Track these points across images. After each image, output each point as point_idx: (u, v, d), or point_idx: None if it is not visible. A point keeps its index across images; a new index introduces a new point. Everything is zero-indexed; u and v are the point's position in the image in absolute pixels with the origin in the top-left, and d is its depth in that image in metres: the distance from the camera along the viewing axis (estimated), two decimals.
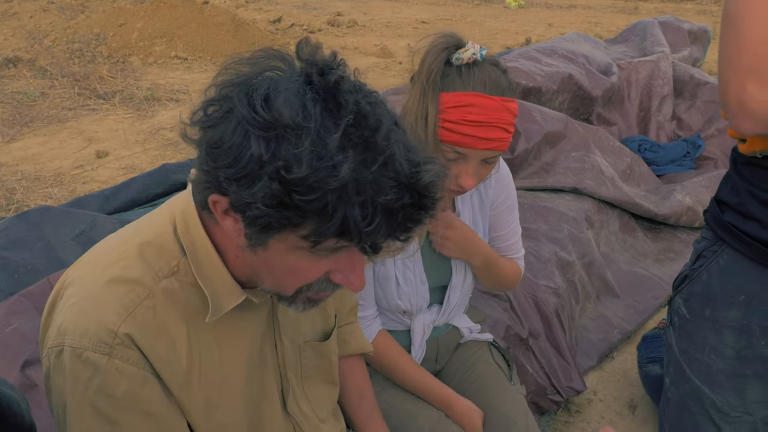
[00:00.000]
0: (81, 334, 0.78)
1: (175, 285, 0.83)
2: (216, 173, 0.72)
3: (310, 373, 1.05)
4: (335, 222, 0.69)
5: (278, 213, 0.69)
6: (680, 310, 1.01)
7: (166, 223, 0.86)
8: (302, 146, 0.67)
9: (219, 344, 0.88)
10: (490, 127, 1.18)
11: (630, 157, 3.38)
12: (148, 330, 0.80)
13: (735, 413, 0.98)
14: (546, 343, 2.22)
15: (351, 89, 0.72)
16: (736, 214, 0.92)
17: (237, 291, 0.85)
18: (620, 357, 2.52)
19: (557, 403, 2.16)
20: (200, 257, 0.84)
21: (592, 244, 2.72)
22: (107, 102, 4.95)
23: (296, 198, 0.68)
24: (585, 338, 2.49)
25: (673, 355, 1.04)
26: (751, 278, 0.91)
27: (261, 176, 0.68)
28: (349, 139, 0.68)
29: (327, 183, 0.67)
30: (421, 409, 1.45)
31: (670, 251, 3.07)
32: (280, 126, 0.68)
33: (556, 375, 2.16)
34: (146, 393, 0.81)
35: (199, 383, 0.86)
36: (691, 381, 1.01)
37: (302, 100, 0.69)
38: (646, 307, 2.68)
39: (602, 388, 2.37)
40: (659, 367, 2.05)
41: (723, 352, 0.95)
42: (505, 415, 1.48)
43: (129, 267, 0.83)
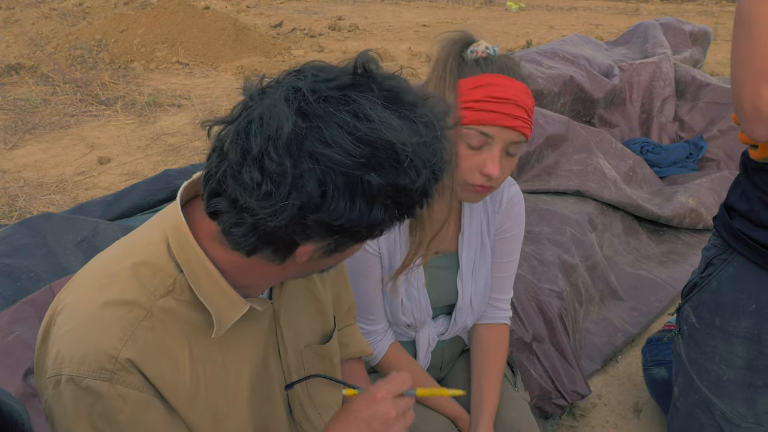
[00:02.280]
0: (79, 362, 0.76)
1: (173, 303, 0.82)
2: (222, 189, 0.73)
3: (315, 378, 1.04)
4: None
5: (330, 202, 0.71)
6: (689, 318, 1.00)
7: (158, 240, 0.84)
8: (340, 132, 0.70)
9: (223, 356, 0.87)
10: (514, 104, 1.16)
11: (632, 159, 3.37)
12: (148, 351, 0.79)
13: (746, 424, 0.96)
14: (550, 347, 2.21)
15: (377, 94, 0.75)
16: (746, 221, 0.91)
17: (240, 302, 0.84)
18: (624, 360, 2.51)
19: (562, 408, 2.15)
20: (197, 273, 0.82)
21: (595, 247, 2.71)
22: (109, 108, 4.96)
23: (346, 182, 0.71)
24: (589, 342, 2.48)
25: (682, 365, 1.03)
26: (762, 287, 0.89)
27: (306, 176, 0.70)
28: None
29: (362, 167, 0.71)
30: (426, 417, 1.44)
31: (673, 253, 3.06)
32: (312, 120, 0.70)
33: (561, 379, 2.15)
34: (150, 417, 0.80)
35: (205, 398, 0.85)
36: (701, 391, 0.99)
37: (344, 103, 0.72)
38: (650, 309, 2.67)
39: (607, 392, 2.36)
40: (664, 370, 2.04)
41: (733, 362, 0.94)
42: (508, 422, 1.47)
43: (124, 289, 0.80)
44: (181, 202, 0.85)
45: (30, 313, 1.80)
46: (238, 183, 0.71)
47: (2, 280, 1.95)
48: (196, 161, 3.90)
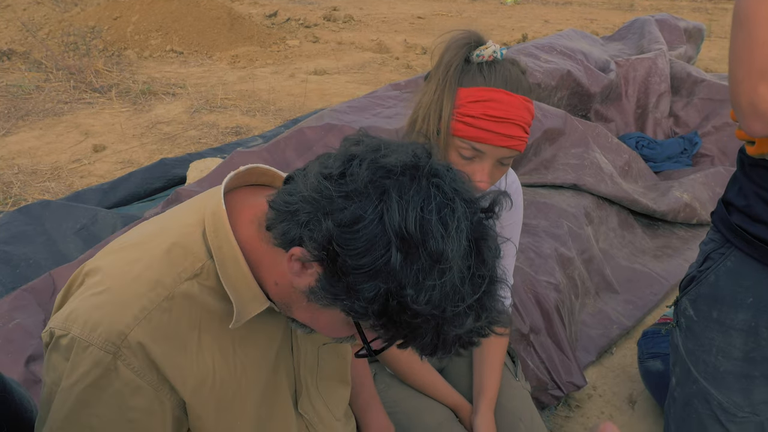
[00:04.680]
0: (91, 328, 0.78)
1: (195, 288, 0.83)
2: (331, 247, 0.72)
3: (327, 374, 1.05)
4: (418, 341, 0.74)
5: (375, 316, 0.73)
6: (687, 311, 1.02)
7: (194, 223, 0.86)
8: (436, 282, 0.69)
9: (234, 348, 0.88)
10: (511, 124, 1.16)
11: (628, 154, 3.40)
12: (160, 333, 0.80)
13: (742, 414, 0.98)
14: (546, 338, 2.23)
15: (494, 244, 0.76)
16: (743, 216, 0.92)
17: (262, 298, 0.85)
18: (619, 352, 2.54)
19: (557, 398, 2.17)
20: (227, 262, 0.83)
21: (591, 240, 2.73)
22: (103, 96, 4.93)
23: (403, 318, 0.72)
24: (584, 334, 2.50)
25: (679, 356, 1.05)
26: (760, 280, 0.91)
27: (380, 283, 0.71)
28: (479, 302, 0.73)
29: (440, 322, 0.71)
30: (427, 407, 1.46)
31: (668, 247, 3.09)
32: (426, 252, 0.70)
33: (557, 370, 2.17)
34: (135, 402, 0.80)
35: (212, 387, 0.85)
36: (698, 382, 1.01)
37: (460, 242, 0.71)
38: (644, 302, 2.70)
39: (602, 383, 2.38)
40: (659, 362, 2.06)
41: (730, 353, 0.96)
42: (510, 411, 1.48)
43: (153, 266, 0.82)
44: (226, 189, 0.87)
45: (30, 300, 1.80)
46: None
47: (1, 267, 1.95)
48: (192, 150, 3.89)
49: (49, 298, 1.80)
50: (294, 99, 5.07)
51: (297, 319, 0.86)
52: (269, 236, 0.81)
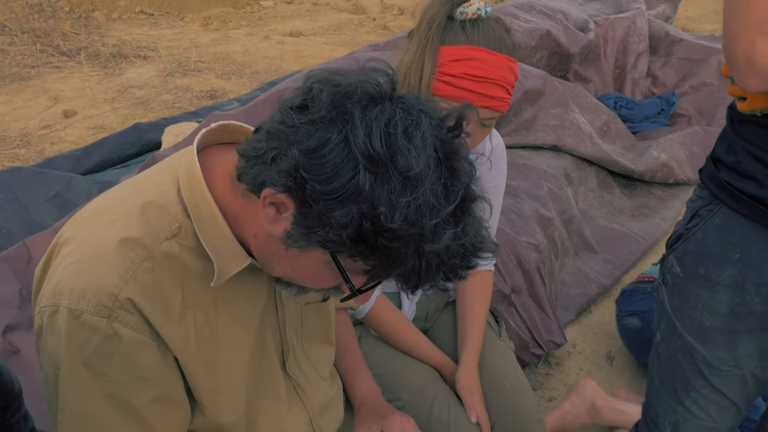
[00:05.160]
0: (79, 296, 0.76)
1: (175, 248, 0.81)
2: (298, 174, 0.71)
3: (311, 333, 1.05)
4: (400, 268, 0.73)
5: (352, 244, 0.71)
6: (674, 268, 1.02)
7: (168, 182, 0.84)
8: (409, 199, 0.69)
9: (217, 308, 0.87)
10: (493, 84, 1.14)
11: (606, 114, 3.40)
12: (147, 292, 0.79)
13: (726, 367, 1.00)
14: (528, 298, 2.25)
15: (466, 161, 0.75)
16: (732, 172, 0.92)
17: (243, 255, 0.84)
18: (598, 311, 2.58)
19: (538, 357, 2.21)
20: (204, 220, 0.82)
21: (571, 201, 2.75)
22: (72, 59, 4.78)
23: (380, 241, 0.70)
24: (564, 293, 2.53)
25: (665, 312, 1.06)
26: (747, 237, 0.92)
27: (352, 206, 0.69)
28: (454, 216, 0.72)
29: (419, 242, 0.70)
30: (412, 367, 1.47)
31: (645, 207, 3.12)
32: (395, 169, 0.69)
33: (538, 329, 2.20)
34: (143, 358, 0.80)
35: (196, 346, 0.85)
36: (683, 337, 1.03)
37: (427, 155, 0.70)
38: (622, 261, 2.74)
39: (581, 341, 2.43)
40: (638, 320, 2.10)
41: (716, 309, 0.97)
42: (494, 370, 1.50)
43: (130, 226, 0.80)
44: (197, 148, 0.85)
45: (5, 269, 1.76)
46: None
47: None
48: (167, 114, 3.80)
49: (24, 267, 1.76)
50: (270, 61, 4.96)
51: (279, 276, 0.85)
52: (242, 188, 0.79)
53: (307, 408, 1.05)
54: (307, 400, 1.04)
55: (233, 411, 0.91)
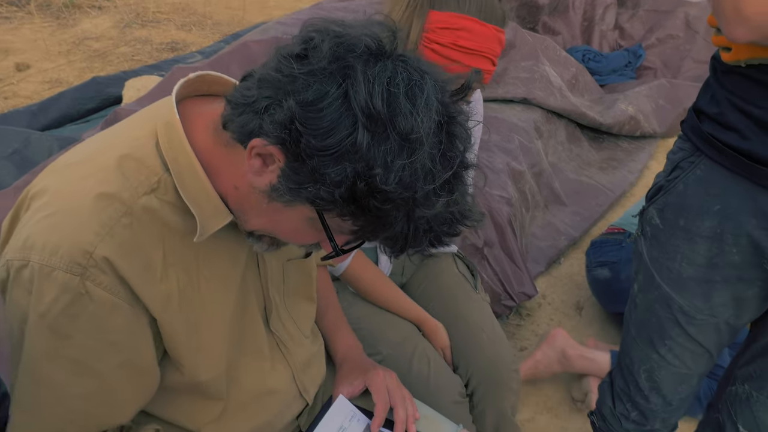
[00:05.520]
0: (51, 252, 0.73)
1: (155, 203, 0.78)
2: (293, 126, 0.68)
3: (293, 290, 1.03)
4: (389, 231, 0.71)
5: (343, 203, 0.69)
6: (653, 220, 1.03)
7: (145, 135, 0.80)
8: (405, 162, 0.67)
9: (198, 265, 0.84)
10: (480, 56, 1.11)
11: (575, 67, 3.40)
12: (125, 249, 0.76)
13: (701, 316, 1.03)
14: (500, 251, 2.27)
15: (464, 128, 0.73)
16: (715, 124, 0.93)
17: (224, 212, 0.81)
18: (567, 262, 2.63)
19: (510, 308, 2.25)
20: (184, 175, 0.78)
21: (541, 154, 2.76)
22: (21, 9, 4.53)
23: (372, 202, 0.68)
24: (534, 245, 2.57)
25: (643, 264, 1.07)
26: (727, 188, 0.93)
27: (347, 164, 0.67)
28: (450, 184, 0.71)
29: (411, 206, 0.69)
30: (391, 323, 1.47)
31: (612, 159, 3.16)
32: (394, 130, 0.67)
33: (509, 281, 2.23)
34: (113, 321, 0.77)
35: (179, 305, 0.82)
36: (661, 288, 1.05)
37: (429, 118, 0.68)
38: (590, 213, 2.78)
39: (551, 292, 2.48)
40: (607, 270, 2.15)
41: (694, 260, 0.99)
42: (472, 322, 1.52)
43: (107, 180, 0.76)
44: (176, 99, 0.81)
45: None
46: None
47: None
48: (126, 68, 3.66)
49: None
50: (232, 12, 4.80)
51: (255, 230, 0.83)
52: (226, 136, 0.76)
53: (290, 365, 1.04)
54: (290, 357, 1.04)
55: (213, 368, 0.90)
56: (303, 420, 1.11)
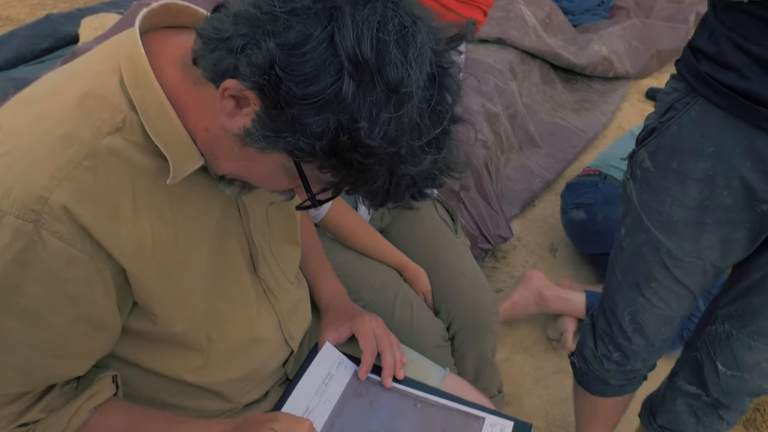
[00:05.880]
0: (3, 194, 0.67)
1: (120, 143, 0.72)
2: (273, 72, 0.62)
3: (277, 234, 1.00)
4: (370, 185, 0.68)
5: (323, 156, 0.65)
6: (644, 163, 1.02)
7: (108, 71, 0.73)
8: (391, 116, 0.63)
9: (173, 209, 0.80)
10: (475, 7, 1.08)
11: (549, 6, 3.33)
12: (87, 195, 0.70)
13: (688, 258, 1.03)
14: (476, 194, 2.26)
15: (455, 81, 0.69)
16: (713, 63, 0.90)
17: (196, 154, 0.76)
18: (541, 205, 2.64)
19: (485, 251, 2.26)
20: (152, 113, 0.73)
21: (516, 96, 2.72)
22: None
23: (354, 156, 0.64)
24: (509, 188, 2.57)
25: (631, 207, 1.06)
26: (722, 130, 0.91)
27: (330, 115, 0.62)
28: (438, 141, 0.68)
29: (395, 162, 0.65)
30: (371, 268, 1.45)
31: (586, 101, 3.15)
32: (381, 80, 0.62)
33: (486, 224, 2.23)
34: (69, 273, 0.72)
35: (152, 252, 0.78)
36: (649, 231, 1.04)
37: (421, 70, 0.63)
38: (564, 156, 2.78)
39: (525, 234, 2.49)
40: (582, 212, 2.16)
41: (685, 202, 0.98)
42: (452, 266, 1.51)
43: (66, 120, 0.70)
44: (139, 31, 0.74)
45: None
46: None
47: None
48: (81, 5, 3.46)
49: None
50: None
51: (226, 174, 0.78)
52: (197, 73, 0.70)
53: (277, 311, 1.02)
54: (276, 304, 1.01)
55: (189, 318, 0.87)
56: (290, 367, 1.10)
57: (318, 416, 1.03)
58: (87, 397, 0.84)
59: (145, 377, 0.92)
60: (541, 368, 1.97)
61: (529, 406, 1.85)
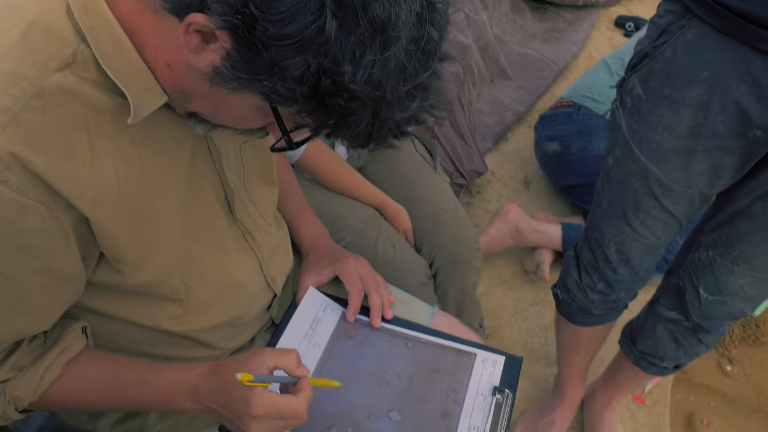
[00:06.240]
0: None
1: (71, 80, 0.66)
2: (247, 10, 0.57)
3: (252, 174, 0.95)
4: (351, 129, 0.64)
5: (304, 100, 0.61)
6: (635, 90, 0.99)
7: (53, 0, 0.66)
8: (377, 57, 0.59)
9: (138, 151, 0.74)
10: None
11: None
12: (37, 139, 0.64)
13: (678, 187, 1.02)
14: (450, 129, 2.23)
15: (443, 17, 0.65)
16: None
17: (157, 90, 0.70)
18: (513, 138, 2.62)
19: (460, 186, 2.24)
20: (105, 46, 0.66)
21: (486, 27, 2.65)
22: None
23: (336, 101, 0.60)
24: (481, 122, 2.53)
25: (621, 136, 1.04)
26: (718, 53, 0.88)
27: (310, 57, 0.58)
28: (425, 83, 0.64)
29: (378, 105, 0.62)
30: (351, 208, 1.42)
31: (555, 31, 3.09)
32: (366, 18, 0.57)
33: (460, 160, 2.21)
34: (24, 224, 0.67)
35: (118, 198, 0.73)
36: (639, 160, 1.02)
37: (410, 8, 0.59)
38: (535, 87, 2.75)
39: (499, 168, 2.48)
40: (557, 144, 2.14)
41: (676, 130, 0.96)
42: (433, 203, 1.49)
43: (8, 56, 0.63)
44: None
45: None
46: None
47: None
48: None
49: None
50: None
51: (196, 112, 0.73)
52: (154, 2, 0.63)
53: (257, 254, 0.98)
54: (256, 247, 0.97)
55: (160, 267, 0.82)
56: (274, 311, 1.07)
57: (308, 361, 1.01)
58: (58, 353, 0.80)
59: (123, 328, 0.88)
60: (519, 300, 1.99)
61: (508, 338, 1.88)
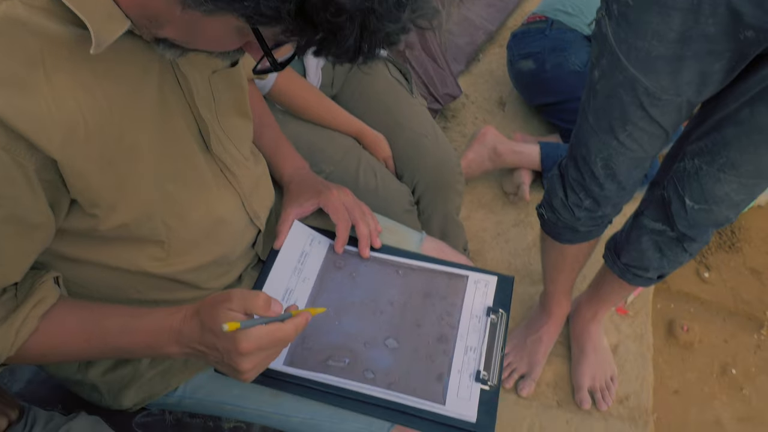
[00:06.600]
0: None
1: (20, 10, 0.61)
2: None
3: (224, 107, 0.90)
4: (339, 45, 0.60)
5: (289, 20, 0.57)
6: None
7: None
8: None
9: (101, 84, 0.69)
10: None
11: None
12: None
13: (666, 96, 0.99)
14: (421, 52, 2.16)
15: None
16: None
17: (119, 15, 0.64)
18: (485, 59, 2.56)
19: (435, 111, 2.19)
20: None
21: None
22: None
23: (324, 16, 0.56)
24: (452, 44, 2.46)
25: (607, 46, 1.00)
26: None
27: None
28: None
29: (367, 17, 0.58)
30: (329, 138, 1.38)
31: None
32: None
33: (434, 83, 2.15)
34: None
35: (86, 135, 0.68)
36: (627, 70, 0.99)
37: None
38: (505, 4, 2.67)
39: (473, 90, 2.43)
40: (531, 61, 2.09)
41: (665, 35, 0.92)
42: (412, 129, 1.45)
43: None
44: None
45: None
46: None
47: None
48: None
49: None
50: None
51: (167, 38, 0.68)
52: None
53: (237, 189, 0.94)
54: (236, 182, 0.94)
55: (137, 208, 0.78)
56: (260, 248, 1.04)
57: (299, 295, 0.99)
58: (32, 305, 0.77)
59: (103, 273, 0.84)
60: (500, 222, 1.99)
61: (492, 260, 1.89)
